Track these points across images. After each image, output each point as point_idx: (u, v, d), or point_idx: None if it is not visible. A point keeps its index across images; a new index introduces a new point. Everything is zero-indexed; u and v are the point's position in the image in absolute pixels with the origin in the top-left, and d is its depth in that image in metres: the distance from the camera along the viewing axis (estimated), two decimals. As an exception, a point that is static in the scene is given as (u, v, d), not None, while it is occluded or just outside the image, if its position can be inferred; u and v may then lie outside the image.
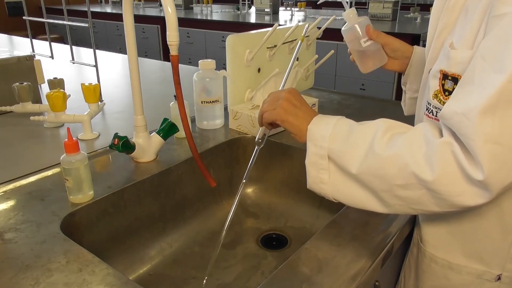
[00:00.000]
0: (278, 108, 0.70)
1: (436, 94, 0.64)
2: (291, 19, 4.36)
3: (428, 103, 0.66)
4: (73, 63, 1.48)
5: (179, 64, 0.73)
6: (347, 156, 0.62)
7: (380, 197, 0.61)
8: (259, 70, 1.19)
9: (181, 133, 1.03)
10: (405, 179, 0.56)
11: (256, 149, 0.80)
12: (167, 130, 0.95)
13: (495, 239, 0.66)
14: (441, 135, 0.56)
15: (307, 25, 0.99)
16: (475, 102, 0.51)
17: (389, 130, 0.60)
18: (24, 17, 1.55)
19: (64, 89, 1.11)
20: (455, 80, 0.60)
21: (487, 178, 0.50)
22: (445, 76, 0.62)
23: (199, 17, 4.69)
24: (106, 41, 5.23)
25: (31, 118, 1.12)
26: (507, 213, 0.64)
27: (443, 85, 0.62)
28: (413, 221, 0.79)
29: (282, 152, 1.09)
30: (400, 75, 0.94)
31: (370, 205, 0.63)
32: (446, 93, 0.62)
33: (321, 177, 0.66)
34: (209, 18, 4.62)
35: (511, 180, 0.51)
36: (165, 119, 0.96)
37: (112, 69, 1.96)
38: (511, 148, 0.49)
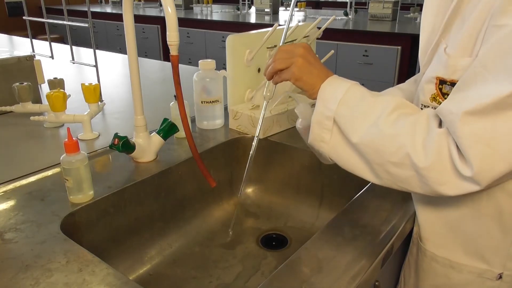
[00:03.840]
0: (293, 67, 0.69)
1: (434, 97, 0.65)
2: (291, 19, 4.35)
3: (425, 106, 0.67)
4: (73, 63, 1.48)
5: (179, 64, 0.73)
6: (351, 124, 0.64)
7: (373, 168, 0.63)
8: (259, 70, 1.19)
9: (181, 133, 1.03)
10: (399, 158, 0.59)
11: (266, 103, 0.82)
12: (167, 130, 0.95)
13: (496, 238, 0.66)
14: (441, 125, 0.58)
15: None
16: (469, 106, 0.53)
17: (398, 108, 0.62)
18: (24, 17, 1.55)
19: (64, 89, 1.11)
20: (455, 85, 0.60)
21: (476, 175, 0.53)
22: (442, 81, 0.63)
23: (199, 17, 4.70)
24: (106, 41, 5.23)
25: (31, 118, 1.12)
26: (507, 212, 0.64)
27: (440, 89, 0.64)
28: (413, 221, 0.79)
29: (282, 152, 1.09)
30: (400, 76, 0.94)
31: (362, 172, 0.66)
32: (446, 96, 0.63)
33: (323, 136, 0.68)
34: (209, 18, 4.62)
35: (500, 174, 0.53)
36: (165, 119, 0.96)
37: (112, 69, 1.96)
38: (500, 148, 0.52)
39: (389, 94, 0.86)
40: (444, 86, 0.63)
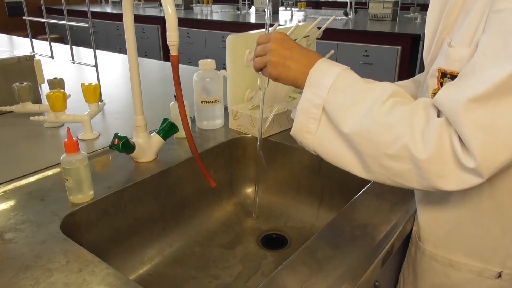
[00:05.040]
0: (268, 67, 0.67)
1: (435, 93, 0.64)
2: (291, 19, 4.36)
3: None
4: (73, 63, 1.48)
5: (179, 64, 0.73)
6: (343, 113, 0.60)
7: (364, 161, 0.59)
8: (259, 70, 1.19)
9: (181, 133, 1.03)
10: (396, 150, 0.55)
11: (263, 94, 0.81)
12: (167, 130, 0.95)
13: (496, 236, 0.66)
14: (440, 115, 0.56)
15: None
16: (471, 92, 0.51)
17: (394, 96, 0.59)
18: (24, 17, 1.55)
19: (64, 89, 1.12)
20: (454, 78, 0.60)
21: (479, 166, 0.50)
22: (443, 74, 0.62)
23: (199, 17, 4.70)
24: (106, 41, 5.23)
25: (31, 118, 1.12)
26: (507, 210, 0.64)
27: (441, 83, 0.62)
28: (413, 221, 0.79)
29: (282, 152, 1.09)
30: (400, 76, 0.94)
31: (350, 166, 0.62)
32: None
33: (309, 126, 0.64)
34: (209, 18, 4.62)
35: (502, 164, 0.51)
36: (165, 119, 0.96)
37: (112, 69, 1.96)
38: (503, 137, 0.50)
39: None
40: (445, 80, 0.61)
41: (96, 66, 1.33)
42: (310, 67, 0.64)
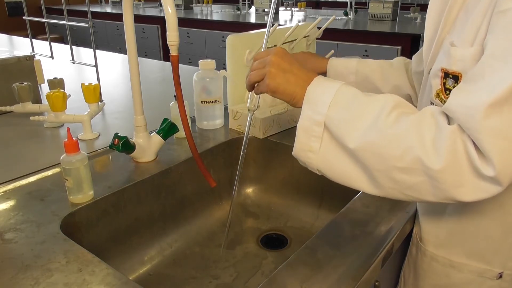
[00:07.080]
0: (266, 79, 0.64)
1: (438, 94, 0.63)
2: (291, 19, 4.36)
3: (431, 102, 0.66)
4: (73, 63, 1.48)
5: (179, 64, 0.73)
6: (346, 128, 0.57)
7: (373, 176, 0.56)
8: (259, 70, 1.19)
9: (181, 133, 1.03)
10: (408, 163, 0.52)
11: (250, 116, 0.77)
12: (167, 130, 0.95)
13: (497, 237, 0.66)
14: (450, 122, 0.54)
15: None
16: (484, 97, 0.49)
17: (398, 107, 0.56)
18: (24, 17, 1.55)
19: (64, 89, 1.11)
20: (456, 78, 0.59)
21: (498, 174, 0.48)
22: (446, 74, 0.61)
23: (199, 17, 4.70)
24: (106, 41, 5.23)
25: (31, 118, 1.12)
26: (509, 211, 0.64)
27: (444, 83, 0.62)
28: (413, 221, 0.79)
29: (282, 152, 1.09)
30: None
31: (359, 183, 0.59)
32: (447, 92, 0.61)
33: (311, 145, 0.61)
34: (209, 18, 4.63)
35: None
36: (165, 119, 0.96)
37: (112, 69, 1.96)
38: None
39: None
40: (448, 80, 0.61)
41: (96, 66, 1.33)
42: (309, 82, 0.62)
